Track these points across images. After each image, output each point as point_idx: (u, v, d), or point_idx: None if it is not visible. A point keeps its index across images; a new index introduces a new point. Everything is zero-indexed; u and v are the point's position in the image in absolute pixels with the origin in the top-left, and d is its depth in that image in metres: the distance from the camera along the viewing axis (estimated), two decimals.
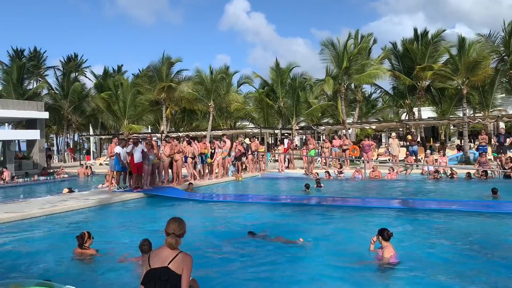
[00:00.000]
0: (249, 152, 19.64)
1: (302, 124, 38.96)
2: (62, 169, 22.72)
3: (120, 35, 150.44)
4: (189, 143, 16.27)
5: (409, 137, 21.47)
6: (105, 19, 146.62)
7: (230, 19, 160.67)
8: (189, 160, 15.98)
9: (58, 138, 49.78)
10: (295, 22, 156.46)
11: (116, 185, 14.20)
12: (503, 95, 31.45)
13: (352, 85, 30.73)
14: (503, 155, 17.80)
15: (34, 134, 25.76)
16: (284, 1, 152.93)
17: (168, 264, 3.20)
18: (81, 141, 46.63)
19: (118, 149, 13.56)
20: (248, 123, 42.43)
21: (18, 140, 32.50)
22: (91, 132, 41.55)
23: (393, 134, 20.87)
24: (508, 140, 18.61)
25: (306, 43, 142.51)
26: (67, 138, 45.49)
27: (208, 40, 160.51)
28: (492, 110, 29.88)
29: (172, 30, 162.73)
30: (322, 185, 14.56)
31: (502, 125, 30.03)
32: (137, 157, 12.87)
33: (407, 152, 20.57)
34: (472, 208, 9.70)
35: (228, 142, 18.23)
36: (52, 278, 4.59)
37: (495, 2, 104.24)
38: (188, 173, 16.19)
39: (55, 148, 49.92)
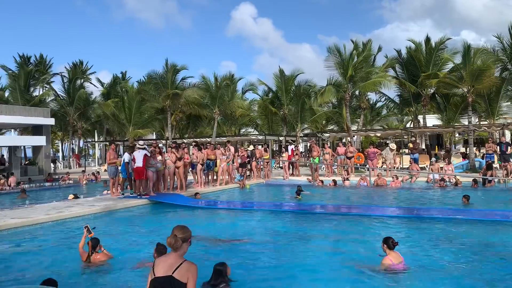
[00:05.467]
0: (253, 159, 19.69)
1: (307, 131, 38.95)
2: (68, 176, 22.82)
3: (126, 40, 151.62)
4: (199, 149, 16.31)
5: (410, 145, 21.41)
6: (111, 24, 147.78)
7: (236, 24, 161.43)
8: (199, 166, 15.99)
9: (64, 144, 50.13)
10: (302, 28, 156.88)
11: (121, 191, 14.33)
12: (509, 103, 31.32)
13: (357, 92, 30.73)
14: (508, 163, 17.80)
15: (40, 140, 25.94)
16: (291, 6, 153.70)
17: (173, 273, 3.17)
18: (86, 147, 46.85)
19: (126, 156, 13.85)
20: (252, 130, 42.50)
21: (24, 146, 32.77)
22: (96, 138, 41.79)
23: (392, 145, 20.77)
24: (509, 148, 18.60)
25: (313, 49, 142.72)
26: (73, 144, 45.74)
27: (214, 47, 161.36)
28: (497, 118, 29.74)
29: (178, 37, 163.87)
30: (303, 193, 14.46)
31: (507, 133, 29.87)
32: (139, 162, 12.98)
33: (411, 160, 20.49)
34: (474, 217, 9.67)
35: (232, 149, 18.24)
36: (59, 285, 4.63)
37: (509, 6, 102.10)
38: (198, 180, 16.19)
39: (60, 154, 50.22)
